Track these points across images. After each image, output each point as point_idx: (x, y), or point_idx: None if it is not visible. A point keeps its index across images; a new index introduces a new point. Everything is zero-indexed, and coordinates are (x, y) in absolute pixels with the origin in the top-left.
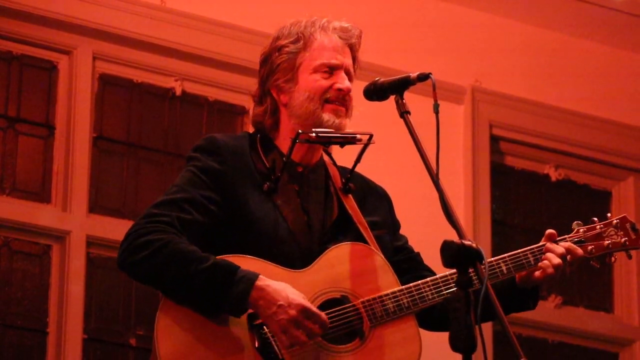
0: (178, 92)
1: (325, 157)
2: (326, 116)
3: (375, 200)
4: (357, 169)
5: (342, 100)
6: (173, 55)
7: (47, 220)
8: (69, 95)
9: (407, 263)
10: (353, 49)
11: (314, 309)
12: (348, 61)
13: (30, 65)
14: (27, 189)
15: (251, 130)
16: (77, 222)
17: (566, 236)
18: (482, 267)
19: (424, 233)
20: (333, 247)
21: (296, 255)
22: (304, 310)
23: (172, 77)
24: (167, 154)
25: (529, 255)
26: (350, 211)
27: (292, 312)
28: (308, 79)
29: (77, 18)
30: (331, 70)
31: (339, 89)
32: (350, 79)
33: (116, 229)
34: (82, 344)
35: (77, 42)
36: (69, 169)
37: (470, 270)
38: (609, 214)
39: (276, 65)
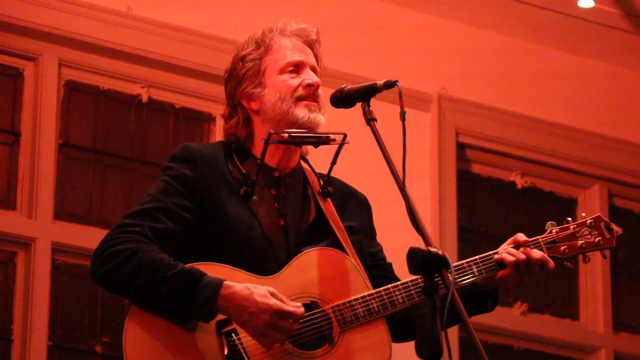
0: (144, 99)
1: (304, 164)
2: (300, 112)
3: (355, 205)
4: (333, 174)
5: (313, 96)
6: (139, 62)
7: (12, 227)
8: (35, 101)
9: (376, 269)
10: (314, 48)
11: (284, 306)
12: (311, 59)
13: None
14: None
15: (219, 138)
16: (42, 229)
17: (538, 237)
18: (449, 274)
19: (391, 240)
20: (302, 253)
21: (271, 260)
22: (275, 313)
23: (139, 84)
24: (133, 161)
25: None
26: (327, 215)
27: (265, 317)
28: (276, 81)
29: (43, 25)
30: (297, 68)
31: (309, 84)
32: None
33: (82, 235)
34: (47, 351)
35: (43, 48)
36: (34, 176)
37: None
38: (583, 214)
39: (242, 74)
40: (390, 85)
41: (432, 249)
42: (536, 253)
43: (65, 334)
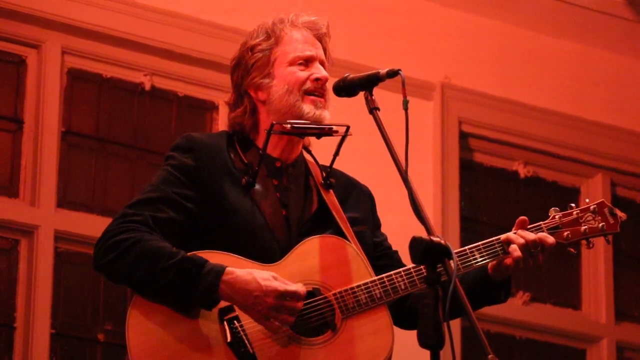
0: (147, 87)
1: (307, 155)
2: (306, 107)
3: (358, 196)
4: (336, 164)
5: (320, 90)
6: (142, 50)
7: (15, 214)
8: (38, 89)
9: (382, 259)
10: (323, 41)
11: (287, 287)
12: (321, 53)
13: None
14: None
15: (222, 126)
16: (45, 217)
17: (541, 223)
18: (451, 263)
19: (393, 229)
20: (304, 240)
21: (274, 249)
22: (280, 295)
23: (142, 72)
24: (136, 149)
25: (502, 242)
26: (330, 205)
27: (270, 300)
28: (285, 72)
29: (46, 12)
30: (306, 62)
31: (317, 78)
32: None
33: (84, 224)
34: (50, 339)
35: (46, 36)
36: (37, 164)
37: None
38: (587, 199)
39: (251, 64)
40: (393, 74)
41: (435, 239)
42: (531, 235)
43: (67, 322)
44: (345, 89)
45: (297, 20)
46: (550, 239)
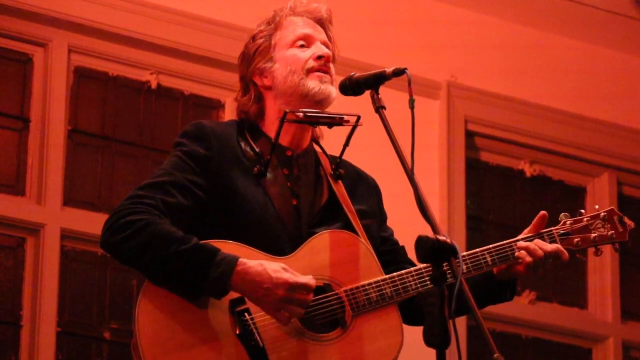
0: (154, 85)
1: (315, 146)
2: (311, 83)
3: (365, 189)
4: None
5: (324, 67)
6: (149, 49)
7: (21, 213)
8: (44, 88)
9: (390, 255)
10: (325, 26)
11: (297, 279)
12: (322, 35)
13: (5, 57)
14: (1, 181)
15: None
16: (51, 215)
17: (552, 228)
18: (457, 262)
19: (399, 228)
20: (316, 234)
21: (284, 239)
22: (290, 287)
23: (148, 70)
24: (142, 148)
25: (514, 247)
26: (339, 197)
27: (280, 292)
28: (286, 55)
29: (53, 10)
30: (307, 42)
31: (319, 56)
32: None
33: (91, 222)
34: (56, 338)
35: (52, 34)
36: (43, 162)
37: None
38: (596, 206)
39: (253, 51)
40: (399, 72)
41: (441, 237)
42: (549, 246)
43: (73, 321)
44: (352, 87)
45: (296, 6)
46: (565, 255)
